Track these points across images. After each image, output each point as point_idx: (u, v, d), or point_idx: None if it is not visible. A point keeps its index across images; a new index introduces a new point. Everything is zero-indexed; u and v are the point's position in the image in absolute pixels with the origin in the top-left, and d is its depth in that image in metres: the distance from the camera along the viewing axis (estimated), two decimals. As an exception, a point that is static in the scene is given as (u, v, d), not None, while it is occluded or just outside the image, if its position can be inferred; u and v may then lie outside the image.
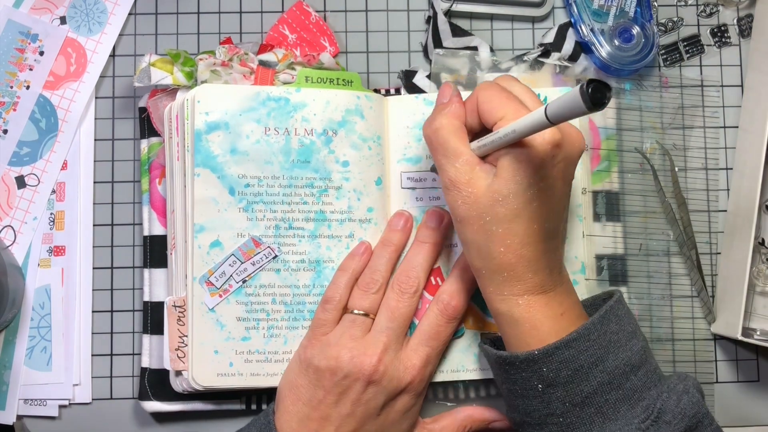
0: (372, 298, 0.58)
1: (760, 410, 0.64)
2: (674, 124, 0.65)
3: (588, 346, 0.50)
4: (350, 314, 0.57)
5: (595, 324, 0.51)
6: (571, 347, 0.50)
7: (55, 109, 0.64)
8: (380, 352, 0.55)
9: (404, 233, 0.60)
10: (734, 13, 0.66)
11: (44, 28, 0.65)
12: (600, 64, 0.64)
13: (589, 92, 0.40)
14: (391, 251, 0.59)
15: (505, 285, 0.52)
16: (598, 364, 0.50)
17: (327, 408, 0.55)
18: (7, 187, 0.64)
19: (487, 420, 0.60)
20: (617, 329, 0.52)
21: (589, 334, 0.51)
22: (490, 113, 0.51)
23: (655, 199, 0.64)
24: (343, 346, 0.56)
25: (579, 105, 0.40)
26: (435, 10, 0.64)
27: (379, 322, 0.57)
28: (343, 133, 0.60)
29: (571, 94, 0.41)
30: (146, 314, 0.62)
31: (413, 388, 0.57)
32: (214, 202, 0.59)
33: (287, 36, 0.65)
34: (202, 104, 0.59)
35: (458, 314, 0.58)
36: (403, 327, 0.57)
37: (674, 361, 0.64)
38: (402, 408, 0.57)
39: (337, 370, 0.55)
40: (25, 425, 0.62)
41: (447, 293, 0.58)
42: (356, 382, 0.55)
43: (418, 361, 0.57)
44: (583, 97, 0.40)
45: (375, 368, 0.55)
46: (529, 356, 0.51)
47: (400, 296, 0.57)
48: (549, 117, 0.44)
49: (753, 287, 0.63)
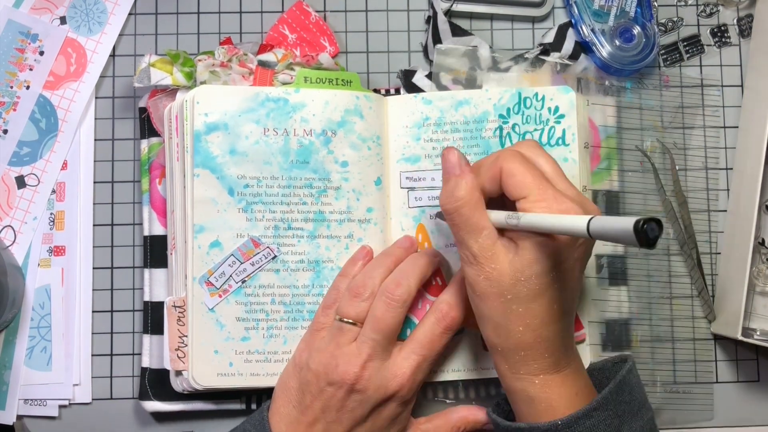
0: (361, 306, 0.56)
1: (760, 410, 0.64)
2: (674, 124, 0.65)
3: (606, 416, 0.50)
4: (337, 321, 0.56)
5: (612, 393, 0.51)
6: (592, 417, 0.50)
7: (55, 109, 0.64)
8: (363, 362, 0.54)
9: (407, 253, 0.59)
10: (734, 13, 0.66)
11: (44, 28, 0.65)
12: (601, 64, 0.64)
13: (644, 230, 0.39)
14: (390, 262, 0.58)
15: (522, 364, 0.51)
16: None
17: (314, 413, 0.55)
18: (7, 187, 0.64)
19: (481, 421, 0.60)
20: (630, 399, 0.52)
21: (607, 404, 0.51)
22: (515, 188, 0.50)
23: (655, 197, 0.64)
24: (329, 353, 0.55)
25: (630, 238, 0.39)
26: (435, 10, 0.64)
27: (364, 331, 0.55)
28: (342, 134, 0.60)
29: (622, 223, 0.40)
30: (146, 314, 0.62)
31: (401, 396, 0.56)
32: (213, 203, 0.59)
33: (287, 36, 0.65)
34: (201, 105, 0.59)
35: (455, 325, 0.57)
36: (388, 338, 0.55)
37: (674, 361, 0.63)
38: (389, 415, 0.56)
39: (322, 377, 0.54)
40: (25, 425, 0.63)
41: (446, 303, 0.57)
42: (339, 389, 0.54)
43: (407, 369, 0.56)
44: (637, 234, 0.39)
45: (358, 377, 0.54)
46: (551, 426, 0.50)
47: (387, 306, 0.55)
48: (591, 233, 0.42)
49: (753, 287, 0.63)
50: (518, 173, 0.50)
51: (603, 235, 0.42)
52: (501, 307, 0.50)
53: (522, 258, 0.49)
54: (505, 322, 0.50)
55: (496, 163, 0.51)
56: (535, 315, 0.50)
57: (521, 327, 0.50)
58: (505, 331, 0.51)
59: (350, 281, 0.58)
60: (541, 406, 0.51)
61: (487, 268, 0.50)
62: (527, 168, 0.50)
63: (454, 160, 0.52)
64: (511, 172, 0.50)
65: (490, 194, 0.52)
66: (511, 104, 0.62)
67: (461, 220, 0.51)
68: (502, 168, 0.51)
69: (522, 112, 0.62)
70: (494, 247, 0.50)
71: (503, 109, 0.62)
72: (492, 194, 0.52)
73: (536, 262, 0.49)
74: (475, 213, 0.51)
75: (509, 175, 0.50)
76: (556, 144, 0.61)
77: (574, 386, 0.51)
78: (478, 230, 0.51)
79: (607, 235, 0.42)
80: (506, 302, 0.50)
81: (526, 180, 0.50)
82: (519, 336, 0.50)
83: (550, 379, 0.51)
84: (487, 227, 0.50)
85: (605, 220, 0.42)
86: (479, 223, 0.51)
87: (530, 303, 0.49)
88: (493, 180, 0.51)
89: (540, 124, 0.62)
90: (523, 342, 0.50)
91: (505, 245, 0.50)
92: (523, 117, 0.62)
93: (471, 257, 0.51)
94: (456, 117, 0.62)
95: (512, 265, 0.49)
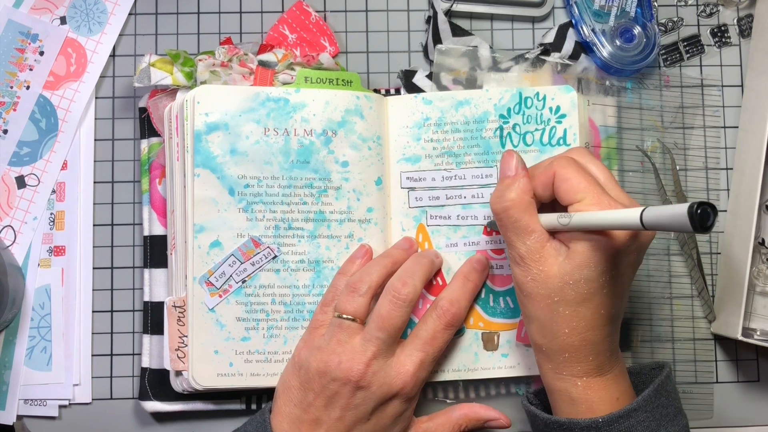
0: (359, 301, 0.56)
1: (760, 410, 0.64)
2: (675, 124, 0.65)
3: (645, 417, 0.51)
4: (336, 318, 0.56)
5: (651, 396, 0.52)
6: (631, 417, 0.50)
7: (55, 109, 0.64)
8: (368, 359, 0.54)
9: (407, 255, 0.60)
10: (734, 13, 0.66)
11: (44, 28, 0.65)
12: (601, 64, 0.64)
13: (698, 213, 0.39)
14: (388, 262, 0.58)
15: (566, 365, 0.51)
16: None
17: (317, 411, 0.55)
18: (7, 187, 0.64)
19: (483, 419, 0.60)
20: (667, 403, 0.52)
21: (646, 405, 0.51)
22: (568, 193, 0.50)
23: (656, 198, 0.64)
24: (331, 350, 0.55)
25: (684, 224, 0.39)
26: (435, 10, 0.64)
27: (369, 329, 0.55)
28: (342, 134, 0.60)
29: (676, 210, 0.40)
30: (146, 314, 0.62)
31: (405, 394, 0.56)
32: (213, 203, 0.59)
33: (287, 36, 0.65)
34: (201, 105, 0.59)
35: (457, 321, 0.58)
36: (393, 337, 0.56)
37: (674, 361, 0.64)
38: (393, 413, 0.56)
39: (325, 374, 0.54)
40: (25, 425, 0.63)
41: (447, 300, 0.58)
42: (344, 386, 0.54)
43: (411, 367, 0.56)
44: (691, 218, 0.39)
45: (362, 374, 0.54)
46: (592, 423, 0.50)
47: (393, 305, 0.55)
48: (645, 224, 0.43)
49: (753, 287, 0.63)
50: (572, 178, 0.51)
51: (657, 225, 0.42)
52: (547, 309, 0.50)
53: (572, 261, 0.49)
54: (551, 323, 0.51)
55: (549, 168, 0.52)
56: (582, 318, 0.50)
57: (567, 329, 0.50)
58: (551, 333, 0.51)
59: (348, 279, 0.58)
60: (582, 407, 0.51)
61: (534, 269, 0.51)
62: (581, 174, 0.51)
63: (512, 162, 0.53)
64: (564, 177, 0.51)
65: (542, 199, 0.53)
66: (512, 104, 0.62)
67: (510, 221, 0.52)
68: (556, 173, 0.51)
69: (523, 111, 0.62)
70: (543, 249, 0.50)
71: (504, 109, 0.62)
72: (544, 199, 0.53)
73: (586, 266, 0.49)
74: (524, 216, 0.51)
75: (563, 179, 0.51)
76: (557, 144, 0.61)
77: (616, 390, 0.52)
78: (527, 233, 0.51)
79: (661, 223, 0.42)
80: (553, 304, 0.50)
81: (581, 185, 0.50)
82: (564, 338, 0.51)
83: (593, 382, 0.51)
84: (537, 230, 0.51)
85: (658, 209, 0.42)
86: (529, 226, 0.51)
87: (578, 306, 0.50)
88: (545, 185, 0.52)
89: (541, 123, 0.62)
90: (568, 344, 0.51)
91: (556, 248, 0.51)
92: (524, 117, 0.62)
93: (518, 258, 0.51)
94: (456, 117, 0.62)
95: (561, 268, 0.50)
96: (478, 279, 0.60)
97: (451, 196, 0.62)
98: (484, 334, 0.61)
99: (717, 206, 0.64)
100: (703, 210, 0.39)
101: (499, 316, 0.61)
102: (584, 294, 0.49)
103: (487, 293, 0.61)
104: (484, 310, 0.61)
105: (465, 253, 0.61)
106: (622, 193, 0.52)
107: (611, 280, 0.50)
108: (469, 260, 0.60)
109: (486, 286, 0.61)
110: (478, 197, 0.61)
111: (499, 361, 0.61)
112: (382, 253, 0.60)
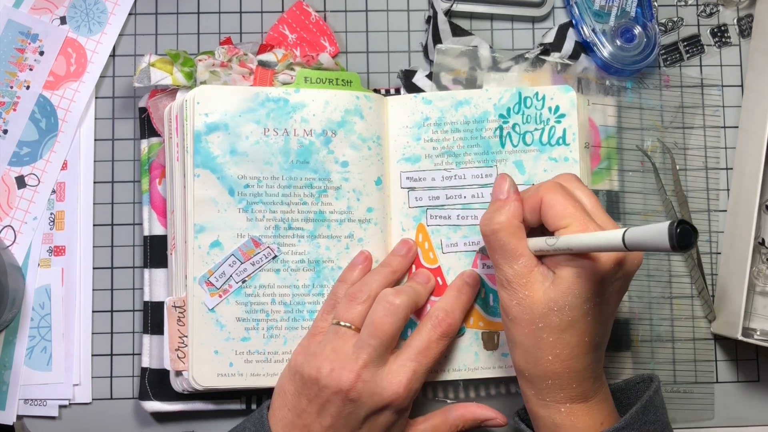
0: (358, 309, 0.56)
1: (760, 410, 0.64)
2: (675, 124, 0.65)
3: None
4: (334, 325, 0.56)
5: (639, 413, 0.52)
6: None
7: (55, 109, 0.64)
8: (359, 368, 0.54)
9: (405, 259, 0.60)
10: (734, 13, 0.66)
11: (44, 28, 0.65)
12: (602, 64, 0.64)
13: (678, 233, 0.39)
14: (388, 272, 0.59)
15: (549, 392, 0.51)
16: None
17: (309, 418, 0.54)
18: (7, 187, 0.64)
19: (479, 419, 0.59)
20: (654, 419, 0.52)
21: (633, 423, 0.51)
22: (555, 219, 0.50)
23: (656, 197, 0.64)
24: (325, 357, 0.55)
25: (664, 243, 0.39)
26: (435, 10, 0.64)
27: (362, 336, 0.55)
28: (342, 134, 0.60)
29: (656, 229, 0.40)
30: (146, 314, 0.62)
31: (396, 405, 0.55)
32: (213, 203, 0.59)
33: (287, 36, 0.65)
34: (201, 105, 0.59)
35: (452, 331, 0.57)
36: (385, 345, 0.55)
37: (674, 361, 0.64)
38: (384, 423, 0.55)
39: (317, 382, 0.54)
40: (25, 425, 0.63)
41: (442, 310, 0.58)
42: (335, 395, 0.54)
43: (404, 377, 0.55)
44: (670, 238, 0.39)
45: (353, 384, 0.53)
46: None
47: (386, 311, 0.55)
48: (626, 244, 0.43)
49: (753, 287, 0.63)
50: (559, 204, 0.51)
51: (639, 245, 0.42)
52: (531, 335, 0.50)
53: (557, 287, 0.49)
54: (535, 349, 0.50)
55: (536, 194, 0.52)
56: (566, 345, 0.50)
57: (551, 356, 0.50)
58: (534, 359, 0.51)
59: (348, 288, 0.58)
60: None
61: (520, 294, 0.51)
62: (568, 200, 0.51)
63: (504, 185, 0.53)
64: (551, 203, 0.51)
65: (531, 224, 0.53)
66: (512, 104, 0.62)
67: (498, 244, 0.52)
68: (543, 198, 0.51)
69: (522, 111, 0.62)
70: (530, 274, 0.50)
71: (503, 109, 0.62)
72: (532, 224, 0.53)
73: (570, 292, 0.49)
74: (512, 239, 0.51)
75: (549, 205, 0.51)
76: (557, 144, 0.61)
77: (600, 415, 0.52)
78: (515, 257, 0.51)
79: (643, 243, 0.42)
80: (537, 330, 0.50)
81: (567, 211, 0.50)
82: (548, 365, 0.50)
83: (576, 408, 0.51)
84: (525, 255, 0.51)
85: (640, 229, 0.42)
86: (517, 250, 0.51)
87: (562, 333, 0.50)
88: (533, 210, 0.52)
89: (540, 123, 0.62)
90: (551, 371, 0.50)
91: (543, 273, 0.50)
92: (524, 117, 0.62)
93: (505, 281, 0.51)
94: (456, 117, 0.62)
95: (546, 294, 0.50)
96: (470, 293, 0.60)
97: (451, 196, 0.62)
98: (484, 333, 0.61)
99: (717, 206, 0.65)
100: (683, 229, 0.39)
101: (499, 316, 0.61)
102: (569, 321, 0.49)
103: (488, 293, 0.61)
104: (484, 310, 0.61)
105: (465, 253, 0.61)
106: (608, 220, 0.52)
107: (596, 307, 0.50)
108: (460, 275, 0.60)
109: (486, 286, 0.61)
110: (478, 197, 0.62)
111: (499, 360, 0.61)
112: (382, 262, 0.60)
